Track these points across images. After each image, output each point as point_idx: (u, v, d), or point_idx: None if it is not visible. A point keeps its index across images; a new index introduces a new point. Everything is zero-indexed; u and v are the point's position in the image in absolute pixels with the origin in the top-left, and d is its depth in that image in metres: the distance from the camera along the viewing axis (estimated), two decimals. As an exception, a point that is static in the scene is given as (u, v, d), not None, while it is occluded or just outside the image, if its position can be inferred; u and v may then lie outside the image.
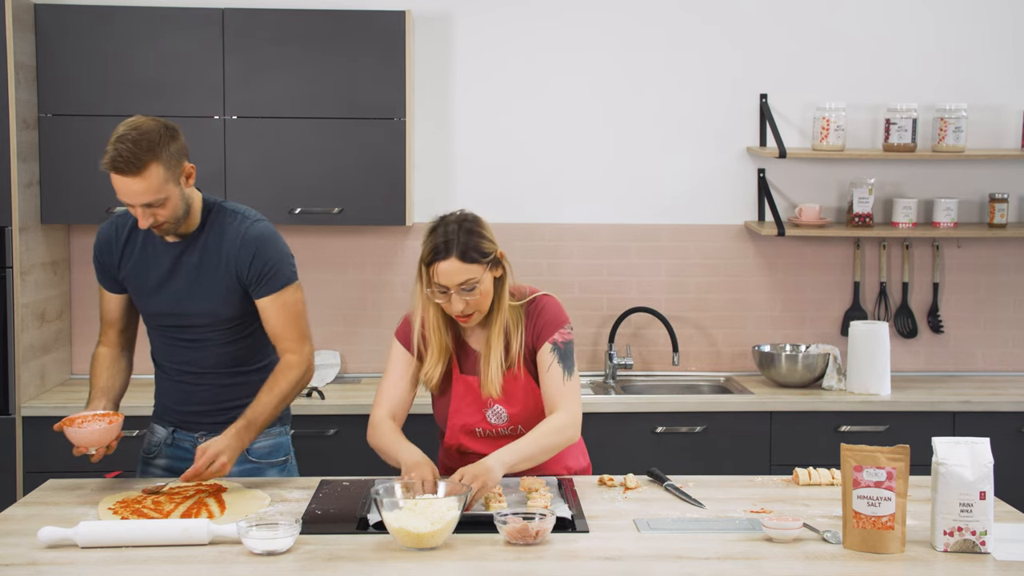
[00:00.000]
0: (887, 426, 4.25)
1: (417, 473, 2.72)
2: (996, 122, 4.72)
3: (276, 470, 3.18)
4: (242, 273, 3.00)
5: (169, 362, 3.13)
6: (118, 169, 2.81)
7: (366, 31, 4.31)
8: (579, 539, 2.56)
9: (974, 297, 4.80)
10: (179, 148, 2.90)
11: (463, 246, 2.82)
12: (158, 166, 2.83)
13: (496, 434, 3.00)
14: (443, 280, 2.82)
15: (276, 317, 3.02)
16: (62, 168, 4.29)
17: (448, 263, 2.81)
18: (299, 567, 2.39)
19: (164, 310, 3.05)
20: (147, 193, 2.83)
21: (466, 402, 3.00)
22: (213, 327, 3.05)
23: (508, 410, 2.98)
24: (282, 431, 3.21)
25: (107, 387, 3.09)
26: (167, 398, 3.17)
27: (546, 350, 2.93)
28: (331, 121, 4.33)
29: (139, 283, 3.06)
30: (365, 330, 4.70)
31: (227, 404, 3.09)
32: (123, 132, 2.83)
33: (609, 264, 4.74)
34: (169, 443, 3.17)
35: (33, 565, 2.41)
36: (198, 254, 3.01)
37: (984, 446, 2.49)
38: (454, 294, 2.83)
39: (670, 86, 4.70)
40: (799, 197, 4.73)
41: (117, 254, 3.07)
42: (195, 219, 3.01)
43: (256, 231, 3.02)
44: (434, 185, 4.67)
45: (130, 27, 4.26)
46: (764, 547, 2.51)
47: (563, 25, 4.67)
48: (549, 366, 2.92)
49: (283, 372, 3.01)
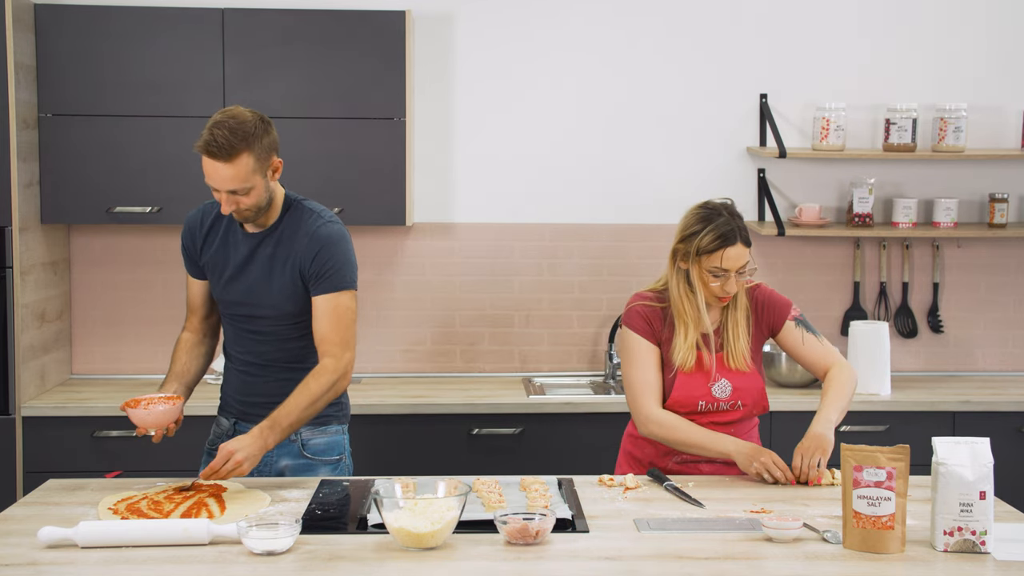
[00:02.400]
0: (887, 426, 4.25)
1: (768, 458, 2.98)
2: (996, 122, 4.72)
3: (329, 468, 3.19)
4: (305, 268, 3.04)
5: (237, 352, 3.19)
6: (211, 154, 2.89)
7: (366, 31, 4.31)
8: (579, 539, 2.56)
9: (974, 297, 4.80)
10: (271, 141, 2.98)
11: (745, 231, 3.09)
12: (249, 156, 2.90)
13: (716, 408, 3.15)
14: (728, 264, 3.06)
15: (326, 318, 3.03)
16: (62, 168, 4.29)
17: (737, 248, 3.06)
18: (299, 567, 2.39)
19: (236, 299, 3.11)
20: (235, 180, 2.90)
21: (696, 376, 3.13)
22: (278, 320, 3.09)
23: (734, 384, 3.14)
24: (339, 429, 3.23)
25: (181, 371, 3.16)
26: (232, 388, 3.22)
27: (791, 327, 3.19)
28: (331, 121, 4.33)
29: (217, 270, 3.13)
30: (365, 330, 4.70)
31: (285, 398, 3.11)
32: (220, 119, 2.92)
33: (609, 264, 4.74)
34: (231, 434, 3.20)
35: (33, 565, 2.41)
36: (272, 247, 3.07)
37: (984, 446, 2.49)
38: (734, 276, 3.06)
39: (670, 86, 4.70)
40: (799, 197, 4.73)
41: (200, 240, 3.15)
42: (275, 212, 3.08)
43: (327, 230, 3.07)
44: (434, 185, 4.67)
45: (130, 27, 4.26)
46: (764, 547, 2.51)
47: (563, 25, 4.67)
48: (803, 337, 3.19)
49: (317, 375, 3.01)
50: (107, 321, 4.62)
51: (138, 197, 4.28)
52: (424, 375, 4.71)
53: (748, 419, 3.23)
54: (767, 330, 3.22)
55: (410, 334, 4.72)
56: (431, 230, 4.68)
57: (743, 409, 3.17)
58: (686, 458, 3.16)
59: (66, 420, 4.12)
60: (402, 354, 4.72)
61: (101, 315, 4.62)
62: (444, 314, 4.72)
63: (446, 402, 4.23)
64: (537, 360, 4.74)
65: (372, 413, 4.19)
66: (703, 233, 3.08)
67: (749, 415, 3.21)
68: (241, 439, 2.87)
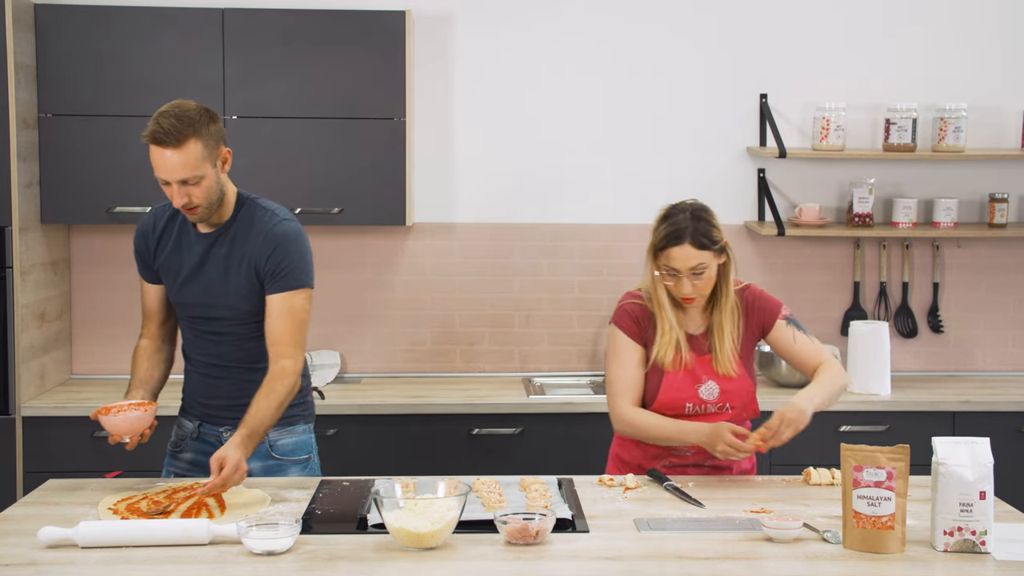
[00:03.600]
0: (887, 426, 4.25)
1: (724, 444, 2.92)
2: (996, 122, 4.72)
3: (299, 468, 3.19)
4: (260, 266, 3.03)
5: (197, 355, 3.17)
6: (159, 141, 2.88)
7: (366, 31, 4.31)
8: (579, 539, 2.56)
9: (974, 297, 4.80)
10: (218, 130, 2.97)
11: (698, 234, 3.04)
12: (197, 142, 2.89)
13: (704, 410, 3.12)
14: (676, 264, 3.03)
15: (280, 318, 3.02)
16: (62, 168, 4.29)
17: (683, 248, 3.02)
18: (299, 567, 2.39)
19: (193, 300, 3.10)
20: (184, 168, 2.89)
21: (683, 377, 3.11)
22: (236, 321, 3.08)
23: (721, 386, 3.11)
24: (306, 428, 3.23)
25: (146, 378, 3.13)
26: (194, 391, 3.21)
27: (781, 326, 3.17)
28: (331, 121, 4.33)
29: (171, 273, 3.11)
30: (365, 330, 4.70)
31: (250, 399, 3.08)
32: (165, 109, 2.92)
33: (609, 264, 4.74)
34: (195, 437, 3.20)
35: (33, 565, 2.41)
36: (227, 246, 3.06)
37: (984, 446, 2.49)
38: (684, 278, 3.03)
39: (670, 86, 4.70)
40: (799, 197, 4.73)
41: (153, 244, 3.13)
42: (228, 209, 3.07)
43: (282, 229, 3.06)
44: (434, 185, 4.67)
45: (130, 27, 4.26)
46: (764, 547, 2.51)
47: (563, 25, 4.67)
48: (793, 335, 3.16)
49: (279, 378, 2.99)
50: (107, 321, 4.62)
51: (138, 197, 4.28)
52: (424, 375, 4.71)
53: (738, 423, 3.19)
54: (758, 330, 3.19)
55: (410, 334, 4.72)
56: (431, 230, 4.68)
57: (731, 412, 3.14)
58: (674, 461, 3.14)
59: (66, 420, 4.12)
60: (402, 354, 4.72)
61: (101, 315, 4.62)
62: (444, 314, 4.72)
63: (446, 402, 4.23)
64: (537, 360, 4.74)
65: (372, 413, 4.19)
66: (657, 229, 3.09)
67: (739, 418, 3.17)
68: (228, 448, 2.83)
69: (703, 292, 3.09)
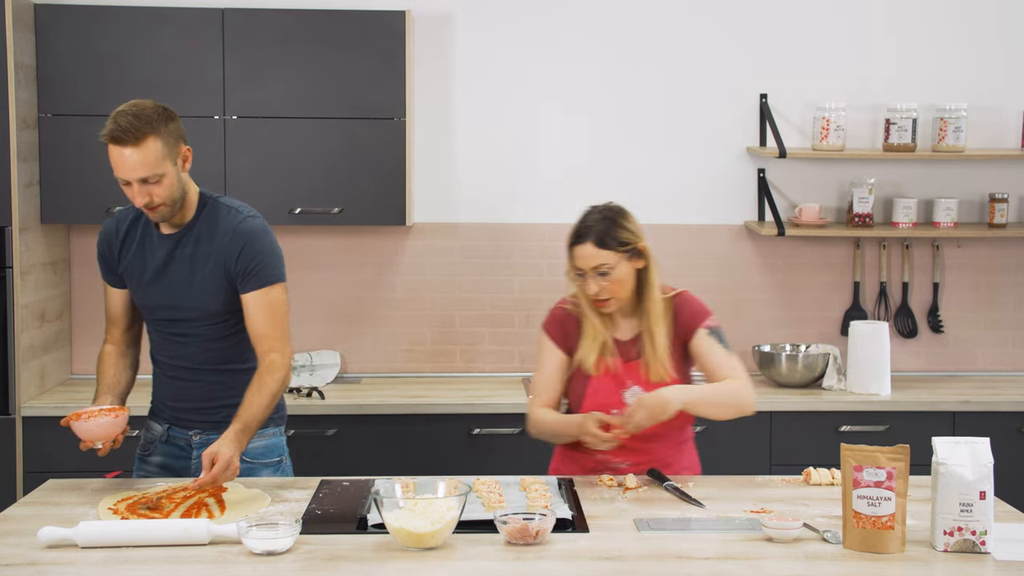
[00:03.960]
0: (887, 426, 4.25)
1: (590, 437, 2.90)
2: (996, 122, 4.72)
3: (270, 470, 3.18)
4: (230, 266, 3.01)
5: (164, 358, 3.15)
6: (117, 139, 2.86)
7: (366, 31, 4.31)
8: (579, 539, 2.56)
9: (974, 297, 4.80)
10: (177, 128, 2.95)
11: (601, 233, 3.04)
12: (156, 140, 2.88)
13: None
14: (579, 263, 3.06)
15: (260, 315, 3.01)
16: (62, 168, 4.29)
17: (584, 247, 3.05)
18: (299, 567, 2.39)
19: (158, 303, 3.08)
20: (144, 166, 2.87)
21: (608, 383, 3.09)
22: (203, 322, 3.06)
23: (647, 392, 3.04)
24: (276, 431, 3.21)
25: (113, 383, 3.12)
26: (163, 395, 3.19)
27: (702, 335, 3.10)
28: (331, 121, 4.33)
29: (135, 275, 3.09)
30: (365, 330, 4.70)
31: (220, 402, 3.10)
32: (122, 109, 2.91)
33: (609, 264, 4.73)
34: (164, 440, 3.19)
35: (33, 565, 2.41)
36: (192, 246, 3.04)
37: (984, 446, 2.49)
38: (589, 277, 3.04)
39: (670, 86, 4.70)
40: (799, 197, 4.73)
41: (117, 247, 3.12)
42: (190, 209, 3.05)
43: (248, 226, 3.04)
44: (434, 185, 4.67)
45: (130, 27, 4.26)
46: (764, 547, 2.51)
47: (563, 26, 4.67)
48: (710, 347, 3.10)
49: (269, 372, 2.99)
50: (107, 321, 4.62)
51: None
52: (424, 375, 4.71)
53: (674, 431, 3.12)
54: (682, 338, 3.12)
55: (410, 334, 4.72)
56: (431, 230, 4.68)
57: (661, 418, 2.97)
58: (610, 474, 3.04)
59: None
60: (402, 354, 4.72)
61: (101, 315, 4.57)
62: (444, 314, 4.72)
63: (446, 402, 4.23)
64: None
65: (372, 413, 4.19)
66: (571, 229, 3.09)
67: (669, 426, 3.04)
68: (226, 445, 2.82)
69: (614, 294, 3.05)
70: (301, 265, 4.65)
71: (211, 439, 3.11)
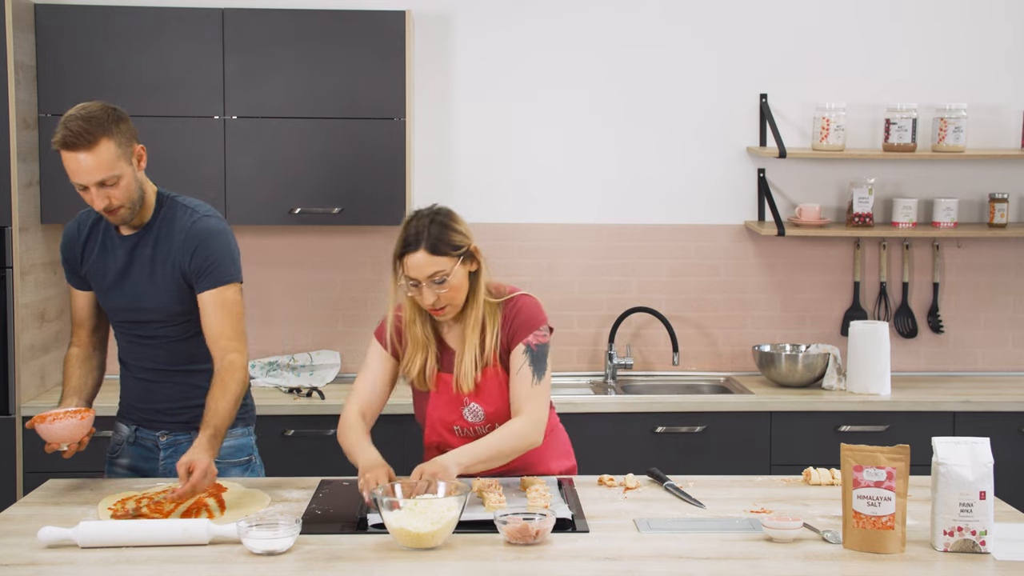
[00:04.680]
0: (887, 426, 4.25)
1: (371, 475, 2.71)
2: (996, 122, 4.72)
3: (239, 470, 3.17)
4: (185, 266, 3.00)
5: (131, 359, 3.15)
6: (70, 145, 2.84)
7: (366, 31, 4.31)
8: (579, 539, 2.56)
9: (974, 297, 4.80)
10: (128, 128, 2.93)
11: (433, 239, 2.83)
12: (109, 142, 2.86)
13: (474, 432, 2.99)
14: (413, 273, 2.83)
15: (217, 314, 2.99)
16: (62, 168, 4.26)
17: (417, 255, 2.82)
18: (299, 567, 2.39)
19: (121, 305, 3.07)
20: (100, 169, 2.86)
21: (444, 399, 2.99)
22: (166, 323, 3.06)
23: (485, 408, 2.96)
24: (245, 431, 3.19)
25: (79, 386, 3.10)
26: (130, 396, 3.19)
27: (519, 352, 2.93)
28: (331, 121, 4.33)
29: (99, 278, 3.08)
30: (365, 330, 4.69)
31: (187, 402, 3.09)
32: (71, 113, 2.88)
33: (609, 264, 4.74)
34: (132, 441, 3.18)
35: (33, 565, 2.41)
36: (151, 247, 3.03)
37: (984, 446, 2.49)
38: (425, 287, 2.84)
39: (670, 86, 4.70)
40: (799, 197, 4.73)
41: (79, 250, 3.11)
42: (148, 210, 3.04)
43: (202, 225, 3.02)
44: (434, 185, 4.67)
45: (130, 27, 4.26)
46: (764, 547, 2.51)
47: (563, 25, 4.67)
48: (519, 368, 2.91)
49: (231, 373, 2.95)
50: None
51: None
52: (424, 375, 4.70)
53: None
54: (506, 347, 2.95)
55: (410, 334, 4.71)
56: (431, 230, 4.67)
57: None
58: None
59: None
60: (402, 354, 4.71)
61: (101, 315, 4.62)
62: (444, 314, 4.71)
63: (446, 402, 4.22)
64: (537, 360, 4.73)
65: (372, 413, 4.18)
66: (398, 237, 2.87)
67: None
68: (195, 452, 2.77)
69: (452, 301, 2.87)
70: (301, 265, 4.66)
71: (178, 439, 3.13)
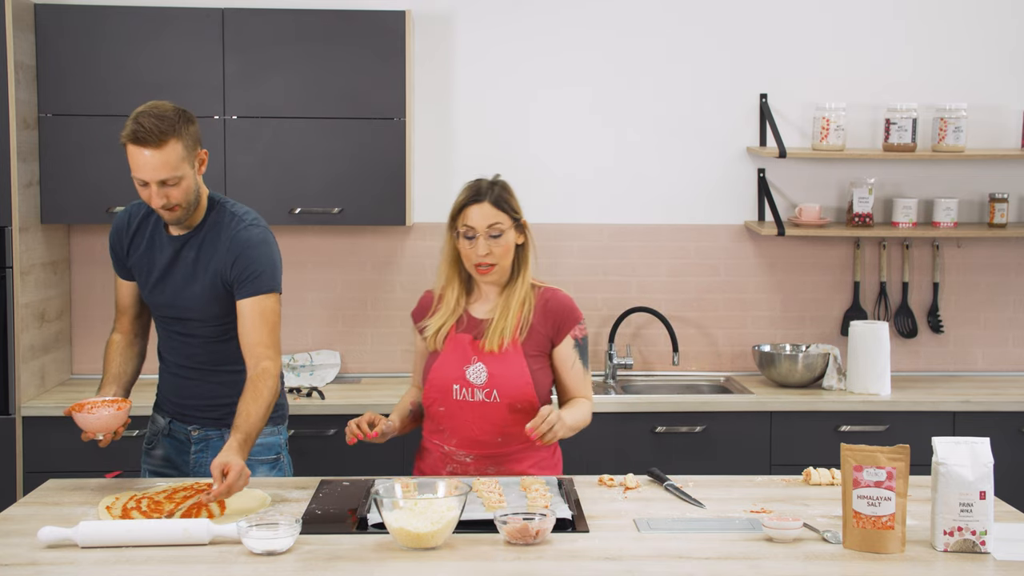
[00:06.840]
0: (887, 426, 4.25)
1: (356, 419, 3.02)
2: (996, 122, 4.72)
3: (267, 467, 3.19)
4: (226, 272, 3.03)
5: (168, 354, 3.19)
6: (140, 140, 2.88)
7: (366, 31, 4.31)
8: (579, 539, 2.56)
9: (974, 297, 4.80)
10: (196, 132, 2.98)
11: (497, 195, 3.10)
12: (177, 142, 2.90)
13: (472, 396, 3.06)
14: (474, 222, 3.06)
15: (254, 322, 3.01)
16: (62, 168, 4.29)
17: (481, 206, 3.07)
18: (299, 567, 2.39)
19: (163, 302, 3.11)
20: (165, 168, 2.89)
21: (452, 356, 3.11)
22: (204, 323, 3.09)
23: (489, 369, 3.06)
24: (274, 430, 3.22)
25: (118, 373, 3.14)
26: (166, 389, 3.23)
27: (569, 346, 3.14)
28: (331, 121, 4.33)
29: (143, 273, 3.12)
30: (365, 330, 4.70)
31: (219, 400, 3.13)
32: (143, 110, 2.91)
33: (609, 264, 4.74)
34: (167, 433, 3.22)
35: (33, 565, 2.41)
36: (196, 250, 3.06)
37: (984, 446, 2.49)
38: (481, 239, 3.05)
39: (670, 86, 4.70)
40: (799, 197, 4.73)
41: (126, 242, 3.14)
42: (200, 212, 3.08)
43: (247, 235, 3.05)
44: (434, 185, 4.67)
45: (130, 27, 4.26)
46: (764, 547, 2.51)
47: (563, 25, 4.67)
48: (573, 363, 3.15)
49: (263, 380, 2.97)
50: (107, 321, 4.60)
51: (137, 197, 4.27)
52: (424, 375, 4.70)
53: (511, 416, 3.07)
54: (550, 333, 3.13)
55: (410, 334, 4.70)
56: (431, 230, 4.68)
57: (500, 403, 3.04)
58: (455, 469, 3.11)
59: (66, 420, 4.09)
60: (402, 354, 4.71)
61: (101, 315, 4.62)
62: (444, 314, 4.71)
63: (446, 402, 4.22)
64: (537, 360, 4.73)
65: (372, 413, 4.18)
66: (458, 198, 3.12)
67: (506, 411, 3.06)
68: (228, 455, 2.78)
69: (500, 260, 3.08)
70: (301, 265, 4.66)
71: (208, 435, 3.17)
